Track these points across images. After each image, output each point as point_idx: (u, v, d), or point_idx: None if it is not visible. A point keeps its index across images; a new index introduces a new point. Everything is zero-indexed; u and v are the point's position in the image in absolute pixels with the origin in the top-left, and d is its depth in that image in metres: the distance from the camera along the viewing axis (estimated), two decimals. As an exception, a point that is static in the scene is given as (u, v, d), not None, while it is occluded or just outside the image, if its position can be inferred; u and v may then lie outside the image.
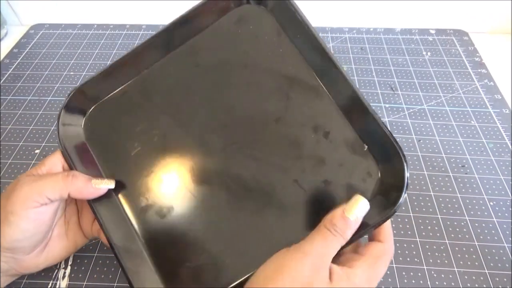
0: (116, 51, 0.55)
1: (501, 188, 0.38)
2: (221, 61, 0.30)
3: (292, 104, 0.29)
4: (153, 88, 0.31)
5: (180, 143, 0.30)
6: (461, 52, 0.54)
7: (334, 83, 0.28)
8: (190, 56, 0.31)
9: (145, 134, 0.30)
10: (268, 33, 0.30)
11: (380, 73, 0.51)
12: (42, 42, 0.58)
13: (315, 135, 0.28)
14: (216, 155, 0.29)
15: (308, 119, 0.28)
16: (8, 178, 0.40)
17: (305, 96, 0.29)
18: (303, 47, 0.29)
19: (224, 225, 0.28)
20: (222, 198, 0.28)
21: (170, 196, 0.29)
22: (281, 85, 0.29)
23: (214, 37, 0.31)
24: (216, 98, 0.30)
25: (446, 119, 0.45)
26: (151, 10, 0.59)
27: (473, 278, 0.32)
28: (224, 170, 0.29)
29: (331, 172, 0.28)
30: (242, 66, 0.30)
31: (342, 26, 0.59)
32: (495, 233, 0.35)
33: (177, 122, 0.30)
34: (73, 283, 0.32)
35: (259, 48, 0.30)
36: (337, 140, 0.28)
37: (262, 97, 0.29)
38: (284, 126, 0.29)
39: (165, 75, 0.31)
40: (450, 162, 0.40)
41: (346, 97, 0.28)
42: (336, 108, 0.28)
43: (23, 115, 0.47)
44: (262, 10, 0.30)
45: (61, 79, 0.51)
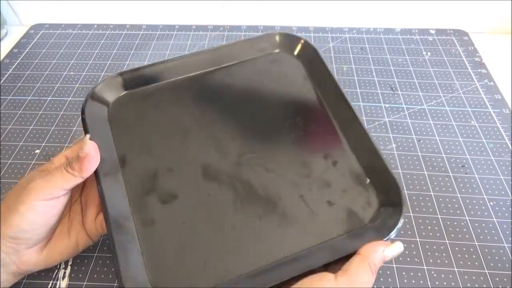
0: (116, 51, 0.56)
1: (501, 188, 0.38)
2: (252, 87, 0.35)
3: (309, 133, 0.32)
4: (186, 92, 0.35)
5: (199, 142, 0.32)
6: (461, 52, 0.54)
7: (347, 123, 0.32)
8: (227, 76, 0.35)
9: (167, 127, 0.33)
10: (295, 75, 0.35)
11: (380, 73, 0.51)
12: (42, 42, 0.58)
13: (325, 161, 0.31)
14: (231, 159, 0.31)
15: (320, 148, 0.32)
16: (8, 178, 0.40)
17: (321, 130, 0.33)
18: (323, 90, 0.34)
19: (224, 223, 0.29)
20: (228, 197, 0.30)
21: (177, 185, 0.30)
22: (300, 117, 0.33)
23: (250, 68, 0.36)
24: (241, 114, 0.33)
25: (446, 119, 0.45)
26: (151, 10, 0.60)
27: (473, 278, 0.32)
28: (235, 173, 0.31)
29: (335, 196, 0.30)
30: (270, 94, 0.34)
31: (342, 26, 0.59)
32: (495, 233, 0.35)
33: (200, 125, 0.33)
34: (73, 283, 0.32)
35: (287, 84, 0.35)
36: (344, 169, 0.31)
37: (284, 122, 0.33)
38: (299, 149, 0.32)
39: (200, 85, 0.35)
40: (450, 162, 0.40)
41: (357, 136, 0.31)
42: (347, 144, 0.32)
43: (23, 115, 0.47)
44: (294, 57, 0.36)
45: (61, 79, 0.51)
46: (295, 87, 0.34)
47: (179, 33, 0.59)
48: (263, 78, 0.35)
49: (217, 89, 0.35)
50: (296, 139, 0.32)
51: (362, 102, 0.47)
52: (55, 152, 0.42)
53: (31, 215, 0.27)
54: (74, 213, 0.31)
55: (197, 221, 0.29)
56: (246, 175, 0.31)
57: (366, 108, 0.46)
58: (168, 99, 0.34)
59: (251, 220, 0.28)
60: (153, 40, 0.57)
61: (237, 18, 0.60)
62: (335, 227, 0.28)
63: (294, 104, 0.33)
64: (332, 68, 0.34)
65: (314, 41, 0.56)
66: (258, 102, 0.34)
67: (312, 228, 0.28)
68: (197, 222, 0.29)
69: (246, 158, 0.31)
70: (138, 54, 0.55)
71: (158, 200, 0.30)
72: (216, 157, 0.31)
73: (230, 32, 0.59)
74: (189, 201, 0.29)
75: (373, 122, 0.45)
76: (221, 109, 0.34)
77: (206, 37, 0.58)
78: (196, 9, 0.59)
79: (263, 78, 0.35)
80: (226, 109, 0.34)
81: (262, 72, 0.36)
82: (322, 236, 0.28)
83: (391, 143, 0.42)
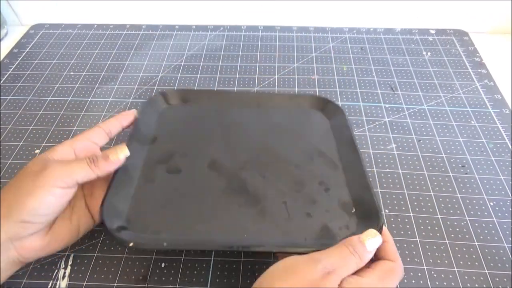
0: (116, 51, 0.56)
1: (501, 188, 0.38)
2: (279, 124, 0.41)
3: (313, 164, 0.37)
4: (225, 114, 0.42)
5: (218, 145, 0.38)
6: (461, 52, 0.54)
7: (351, 164, 0.36)
8: (262, 114, 0.42)
9: (198, 129, 0.40)
10: (320, 126, 0.41)
11: (380, 73, 0.51)
12: (42, 42, 0.58)
13: (318, 186, 0.34)
14: (237, 163, 0.36)
15: (319, 175, 0.35)
16: (8, 178, 0.40)
17: (325, 164, 0.37)
18: (340, 140, 0.39)
19: (209, 200, 0.33)
20: (221, 184, 0.34)
21: (185, 164, 0.36)
22: (312, 151, 0.38)
23: (283, 111, 0.42)
24: (262, 139, 0.39)
25: (446, 119, 0.45)
26: (151, 10, 0.60)
27: (473, 278, 0.32)
28: (236, 172, 0.35)
29: (317, 212, 0.33)
30: (291, 131, 0.40)
31: (342, 26, 0.59)
32: (495, 233, 0.35)
33: (225, 136, 0.39)
34: (73, 283, 0.32)
35: (310, 129, 0.40)
36: (334, 196, 0.34)
37: (294, 151, 0.38)
38: (298, 172, 0.36)
39: (239, 113, 0.42)
40: (450, 162, 0.40)
41: (355, 175, 0.34)
42: (344, 180, 0.35)
43: (23, 115, 0.47)
44: (324, 115, 0.42)
45: (61, 79, 0.51)
46: (316, 133, 0.40)
47: (179, 33, 0.59)
48: (291, 121, 0.41)
49: (250, 119, 0.41)
50: (300, 165, 0.36)
51: (362, 102, 0.47)
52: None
53: (50, 199, 0.27)
54: (75, 198, 0.31)
55: (187, 192, 0.34)
56: (244, 176, 0.35)
57: (366, 108, 0.46)
58: (209, 115, 0.42)
59: (231, 205, 0.33)
60: (153, 40, 0.57)
61: (237, 18, 0.60)
62: (304, 233, 0.31)
63: (310, 144, 0.39)
64: (350, 123, 0.40)
65: (314, 41, 0.57)
66: (280, 135, 0.40)
67: (282, 228, 0.31)
68: (186, 192, 0.34)
69: (250, 166, 0.36)
70: (138, 54, 0.55)
71: (166, 169, 0.36)
72: (226, 158, 0.37)
73: (230, 32, 0.59)
74: (188, 177, 0.35)
75: (373, 122, 0.45)
76: (247, 132, 0.40)
77: (206, 37, 0.58)
78: (196, 9, 0.59)
79: (291, 121, 0.41)
80: (251, 133, 0.40)
81: (293, 118, 0.42)
82: (288, 234, 0.31)
83: (391, 143, 0.42)
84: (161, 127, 0.40)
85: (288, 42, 0.57)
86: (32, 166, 0.29)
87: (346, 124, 0.39)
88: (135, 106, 0.47)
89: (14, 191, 0.28)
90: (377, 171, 0.40)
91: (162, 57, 0.54)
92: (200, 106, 0.43)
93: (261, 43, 0.57)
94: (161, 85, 0.50)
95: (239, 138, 0.39)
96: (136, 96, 0.49)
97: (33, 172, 0.28)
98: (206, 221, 0.32)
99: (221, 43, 0.57)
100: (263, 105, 0.43)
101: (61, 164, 0.28)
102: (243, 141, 0.39)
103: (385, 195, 0.38)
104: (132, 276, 0.32)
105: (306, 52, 0.55)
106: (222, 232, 0.31)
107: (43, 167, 0.28)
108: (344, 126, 0.39)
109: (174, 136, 0.39)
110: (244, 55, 0.54)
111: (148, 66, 0.53)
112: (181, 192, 0.34)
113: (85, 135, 0.33)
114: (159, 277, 0.32)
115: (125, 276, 0.32)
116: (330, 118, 0.42)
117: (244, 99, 0.44)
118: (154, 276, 0.32)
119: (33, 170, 0.28)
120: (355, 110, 0.46)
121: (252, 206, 0.33)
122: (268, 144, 0.39)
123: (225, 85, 0.50)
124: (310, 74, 0.51)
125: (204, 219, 0.32)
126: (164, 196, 0.34)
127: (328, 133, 0.40)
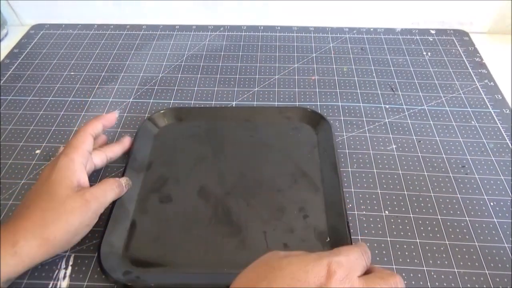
0: (117, 51, 0.56)
1: (502, 188, 0.38)
2: (267, 143, 0.42)
3: (296, 187, 0.38)
4: (214, 132, 0.43)
5: (208, 169, 0.40)
6: (461, 52, 0.54)
7: (331, 189, 0.37)
8: (251, 130, 0.44)
9: (190, 153, 0.41)
10: (307, 143, 0.42)
11: (380, 74, 0.51)
12: (42, 42, 0.58)
13: (298, 213, 0.36)
14: (224, 188, 0.38)
15: (300, 201, 0.37)
16: (8, 178, 0.40)
17: (307, 187, 0.38)
18: (324, 159, 0.40)
19: (195, 230, 0.35)
20: (208, 214, 0.36)
21: (176, 192, 0.38)
22: (296, 172, 0.39)
23: (272, 128, 0.44)
24: (250, 159, 0.41)
25: (447, 119, 0.45)
26: (151, 10, 0.60)
27: (473, 279, 0.32)
28: (222, 199, 0.37)
29: (293, 241, 0.34)
30: (279, 150, 0.41)
31: (342, 26, 0.59)
32: (495, 233, 0.35)
33: (215, 158, 0.41)
34: (73, 283, 0.32)
35: (296, 148, 0.42)
36: (311, 224, 0.35)
37: (279, 172, 0.39)
38: (281, 197, 0.37)
39: (227, 130, 0.44)
40: (450, 163, 0.40)
41: (334, 201, 0.36)
42: (323, 205, 0.37)
43: (23, 115, 0.47)
44: (312, 130, 0.43)
45: (61, 79, 0.51)
46: (302, 152, 0.41)
47: (179, 33, 0.59)
48: (279, 139, 0.43)
49: (239, 137, 0.43)
50: (283, 189, 0.38)
51: (362, 103, 0.47)
52: (56, 152, 0.42)
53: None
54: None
55: (176, 223, 0.36)
56: (229, 203, 0.37)
57: (366, 109, 0.46)
58: (200, 134, 0.43)
59: (215, 236, 0.35)
60: (153, 40, 0.57)
61: (237, 18, 0.60)
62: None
63: (296, 164, 0.40)
64: (335, 140, 0.41)
65: (314, 41, 0.57)
66: (268, 155, 0.41)
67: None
68: (176, 223, 0.36)
69: (236, 191, 0.38)
70: (139, 54, 0.55)
71: (158, 199, 0.38)
72: (214, 183, 0.39)
73: (230, 32, 0.59)
74: (178, 207, 0.37)
75: (373, 123, 0.45)
76: (236, 152, 0.42)
77: (206, 37, 0.58)
78: (196, 9, 0.59)
79: (279, 139, 0.43)
80: (241, 153, 0.41)
81: (281, 135, 0.43)
82: None
83: (391, 143, 0.42)
84: (155, 151, 0.42)
85: (288, 42, 0.57)
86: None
87: (332, 142, 0.41)
88: (136, 106, 0.47)
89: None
90: (377, 172, 0.40)
91: (163, 57, 0.54)
92: (191, 124, 0.44)
93: (261, 43, 0.57)
94: (161, 85, 0.50)
95: (228, 158, 0.41)
96: (137, 96, 0.49)
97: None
98: (192, 254, 0.34)
99: (221, 43, 0.57)
100: (254, 119, 0.44)
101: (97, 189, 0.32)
102: (232, 162, 0.41)
103: (385, 195, 0.38)
104: (132, 277, 0.32)
105: (306, 52, 0.55)
106: (206, 267, 0.33)
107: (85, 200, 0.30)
108: (329, 144, 0.41)
109: (168, 159, 0.41)
110: (244, 55, 0.54)
111: (149, 66, 0.53)
112: (171, 224, 0.36)
113: (83, 146, 0.34)
114: (159, 278, 0.32)
115: (125, 276, 0.32)
116: (318, 132, 0.43)
117: (234, 114, 0.45)
118: (155, 276, 0.32)
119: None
120: (355, 111, 0.46)
121: (234, 237, 0.35)
122: (256, 165, 0.40)
123: (225, 85, 0.50)
124: (310, 75, 0.51)
125: (190, 252, 0.34)
126: (156, 229, 0.35)
127: (313, 150, 0.41)
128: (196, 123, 0.44)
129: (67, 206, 0.29)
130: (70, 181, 0.31)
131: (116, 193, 0.34)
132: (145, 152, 0.41)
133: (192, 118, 0.45)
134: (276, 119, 0.44)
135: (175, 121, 0.45)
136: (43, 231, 0.28)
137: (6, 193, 0.38)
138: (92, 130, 0.35)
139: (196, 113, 0.45)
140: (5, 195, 0.38)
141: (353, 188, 0.38)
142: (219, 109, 0.46)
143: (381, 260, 0.33)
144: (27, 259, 0.28)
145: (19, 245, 0.27)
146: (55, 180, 0.30)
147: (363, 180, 0.39)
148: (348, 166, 0.40)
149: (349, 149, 0.42)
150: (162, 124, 0.44)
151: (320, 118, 0.43)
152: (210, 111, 0.46)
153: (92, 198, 0.31)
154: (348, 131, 0.44)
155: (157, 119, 0.44)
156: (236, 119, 0.45)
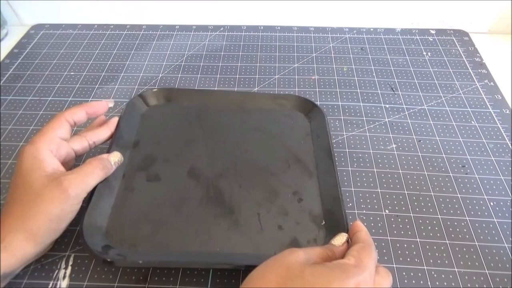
0: (117, 51, 0.56)
1: (502, 188, 0.38)
2: (260, 128, 0.42)
3: (289, 172, 0.38)
4: (208, 115, 0.43)
5: (198, 150, 0.39)
6: (461, 52, 0.54)
7: (325, 174, 0.37)
8: (244, 115, 0.43)
9: (180, 134, 0.41)
10: (300, 129, 0.42)
11: (380, 73, 0.51)
12: (42, 42, 0.58)
13: (292, 196, 0.36)
14: (216, 170, 0.37)
15: (293, 185, 0.37)
16: (8, 178, 0.40)
17: (301, 172, 0.38)
18: (318, 145, 0.40)
19: (185, 209, 0.34)
20: (198, 194, 0.35)
21: (165, 172, 0.37)
22: (289, 158, 0.39)
23: (265, 114, 0.43)
24: (243, 144, 0.40)
25: (446, 119, 0.45)
26: (151, 10, 0.60)
27: (473, 279, 0.32)
28: (214, 180, 0.37)
29: (288, 224, 0.34)
30: (272, 136, 0.41)
31: (342, 26, 0.59)
32: (495, 233, 0.35)
33: (207, 140, 0.40)
34: (73, 283, 0.32)
35: (289, 134, 0.41)
36: (306, 207, 0.35)
37: (272, 157, 0.39)
38: (274, 180, 0.37)
39: (220, 115, 0.43)
40: (450, 162, 0.40)
41: (328, 185, 0.36)
42: (318, 189, 0.36)
43: (23, 115, 0.47)
44: (305, 117, 0.43)
45: (61, 79, 0.51)
46: (295, 138, 0.41)
47: (179, 33, 0.59)
48: (272, 124, 0.42)
49: (232, 122, 0.42)
50: (276, 173, 0.37)
51: (362, 103, 0.47)
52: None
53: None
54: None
55: (165, 202, 0.35)
56: (221, 184, 0.36)
57: (366, 109, 0.46)
58: (191, 115, 0.42)
59: (207, 216, 0.34)
60: (153, 40, 0.57)
61: (237, 18, 0.60)
62: (274, 246, 0.32)
63: (289, 149, 0.39)
64: (328, 127, 0.41)
65: (314, 41, 0.57)
66: (260, 140, 0.40)
67: (254, 240, 0.33)
68: (164, 203, 0.35)
69: (228, 173, 0.37)
70: (139, 54, 0.55)
71: (146, 177, 0.37)
72: (205, 164, 0.38)
73: (230, 32, 0.59)
74: (167, 186, 0.36)
75: (373, 122, 0.45)
76: (228, 135, 0.41)
77: (206, 37, 0.58)
78: (196, 9, 0.59)
79: (272, 124, 0.42)
80: (233, 136, 0.41)
81: (273, 121, 0.42)
82: (259, 248, 0.32)
83: (391, 143, 0.42)
84: (143, 130, 0.41)
85: (288, 42, 0.57)
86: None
87: (326, 128, 0.40)
88: (136, 106, 0.47)
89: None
90: (377, 171, 0.40)
91: (163, 57, 0.54)
92: (182, 106, 0.43)
93: (261, 43, 0.57)
94: (162, 85, 0.50)
95: (219, 141, 0.40)
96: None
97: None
98: (181, 233, 0.33)
99: (222, 43, 0.57)
100: (246, 105, 0.44)
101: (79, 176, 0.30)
102: (223, 145, 0.40)
103: (385, 195, 0.38)
104: (132, 276, 0.32)
105: (306, 52, 0.55)
106: (196, 246, 0.32)
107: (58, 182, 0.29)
108: (323, 130, 0.40)
109: (156, 139, 0.40)
110: (244, 55, 0.55)
111: (149, 66, 0.53)
112: (159, 202, 0.35)
113: (51, 133, 0.32)
114: (159, 278, 0.32)
115: (125, 276, 0.32)
116: (311, 120, 0.42)
117: (226, 99, 0.44)
118: (155, 276, 0.32)
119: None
120: (355, 111, 0.46)
121: (226, 217, 0.34)
122: (248, 149, 0.39)
123: (225, 85, 0.50)
124: (310, 75, 0.51)
125: (179, 231, 0.33)
126: (143, 207, 0.34)
127: (307, 137, 0.41)
128: (187, 104, 0.44)
129: (45, 197, 0.28)
130: (41, 170, 0.29)
131: (100, 176, 0.32)
132: (132, 130, 0.40)
133: (183, 100, 0.44)
134: (269, 106, 0.44)
135: (165, 102, 0.44)
136: (25, 224, 0.28)
137: (6, 192, 0.38)
138: (70, 116, 0.33)
139: (188, 95, 0.44)
140: (5, 195, 0.38)
141: (353, 187, 0.38)
142: (211, 92, 0.46)
143: (381, 259, 0.33)
144: (18, 253, 0.28)
145: (7, 240, 0.27)
146: (25, 170, 0.29)
147: (363, 180, 0.39)
148: (348, 165, 0.40)
149: (349, 149, 0.42)
150: (153, 103, 0.43)
151: (313, 106, 0.43)
152: (203, 94, 0.45)
153: (70, 186, 0.29)
154: (348, 131, 0.44)
155: (148, 97, 0.43)
156: (229, 103, 0.44)
